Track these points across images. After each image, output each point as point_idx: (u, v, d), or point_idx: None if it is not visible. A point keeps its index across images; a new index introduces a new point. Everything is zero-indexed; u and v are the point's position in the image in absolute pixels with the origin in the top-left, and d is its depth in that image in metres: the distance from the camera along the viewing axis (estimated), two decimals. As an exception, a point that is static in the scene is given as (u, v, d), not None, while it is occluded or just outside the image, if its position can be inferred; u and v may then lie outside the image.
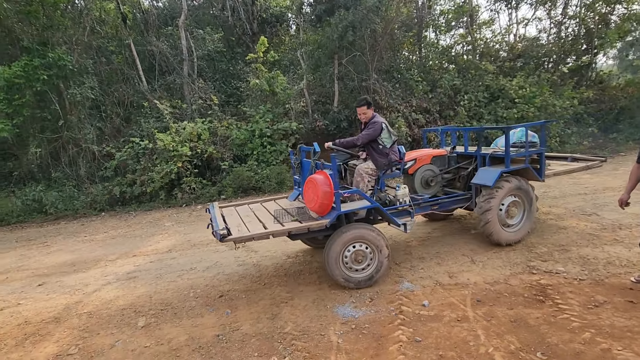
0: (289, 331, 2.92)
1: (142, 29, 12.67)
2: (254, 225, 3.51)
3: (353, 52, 9.89)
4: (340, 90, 10.67)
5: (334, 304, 3.30)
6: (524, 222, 4.24)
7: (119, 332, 3.18)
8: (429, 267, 3.87)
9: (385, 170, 3.98)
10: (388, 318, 2.98)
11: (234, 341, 2.86)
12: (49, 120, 10.21)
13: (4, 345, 3.16)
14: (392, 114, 9.82)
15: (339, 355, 2.57)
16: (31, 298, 4.12)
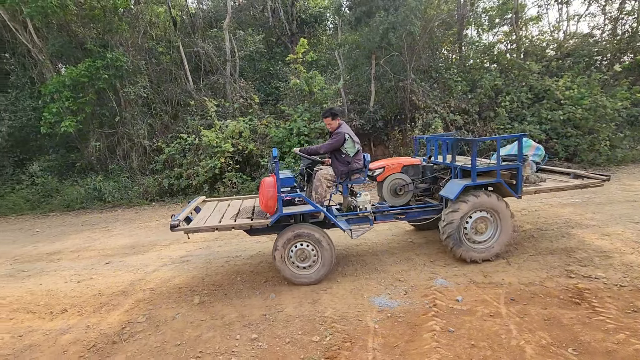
0: (329, 315, 3.18)
1: (189, 31, 13.45)
2: (213, 219, 3.86)
3: (391, 52, 9.96)
4: (377, 90, 10.77)
5: (370, 294, 3.53)
6: (495, 240, 3.98)
7: (178, 306, 3.61)
8: (463, 266, 3.98)
9: (344, 177, 4.13)
10: (422, 309, 3.16)
11: (279, 320, 3.17)
12: (107, 116, 11.20)
13: (84, 311, 3.69)
14: (429, 114, 9.80)
15: (375, 338, 2.80)
16: (101, 274, 4.71)
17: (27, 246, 6.44)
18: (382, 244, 4.91)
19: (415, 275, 3.86)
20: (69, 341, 3.16)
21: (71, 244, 6.25)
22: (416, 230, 5.32)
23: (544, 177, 4.50)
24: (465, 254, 3.93)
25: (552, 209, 5.83)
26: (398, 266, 4.11)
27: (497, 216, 3.96)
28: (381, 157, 10.49)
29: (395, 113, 10.64)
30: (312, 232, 3.72)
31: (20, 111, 11.07)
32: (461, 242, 3.91)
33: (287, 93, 11.53)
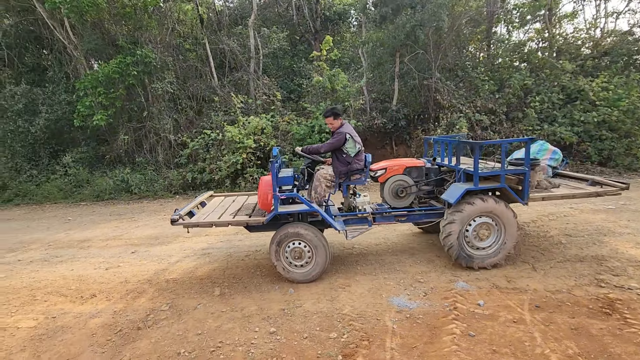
0: (347, 313, 3.18)
1: (215, 28, 13.69)
2: (215, 215, 3.97)
3: (416, 50, 9.79)
4: (400, 89, 10.63)
5: (388, 294, 3.50)
6: (497, 247, 3.83)
7: (200, 297, 3.71)
8: (486, 270, 3.88)
9: (343, 177, 4.09)
10: (442, 312, 3.11)
11: (297, 315, 3.20)
12: (135, 111, 11.58)
13: (112, 297, 3.86)
14: (454, 114, 9.57)
15: (394, 338, 2.78)
16: (127, 262, 4.90)
17: (60, 233, 6.78)
18: (402, 245, 4.86)
19: (435, 277, 3.80)
20: (97, 325, 3.31)
21: (100, 233, 6.53)
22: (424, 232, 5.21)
23: (558, 183, 4.23)
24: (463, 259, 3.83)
25: (582, 215, 5.58)
26: (418, 267, 4.06)
27: (501, 222, 3.81)
28: (403, 157, 10.37)
29: (418, 112, 10.47)
30: (307, 232, 3.73)
31: (56, 105, 11.62)
32: (462, 246, 3.81)
33: (309, 90, 11.56)
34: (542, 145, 4.60)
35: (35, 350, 2.98)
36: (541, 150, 4.55)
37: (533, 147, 4.62)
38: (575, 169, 8.92)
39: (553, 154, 4.52)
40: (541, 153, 4.49)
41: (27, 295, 4.04)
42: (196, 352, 2.78)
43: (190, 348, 2.84)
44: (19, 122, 11.30)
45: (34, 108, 11.53)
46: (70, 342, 3.06)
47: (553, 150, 4.58)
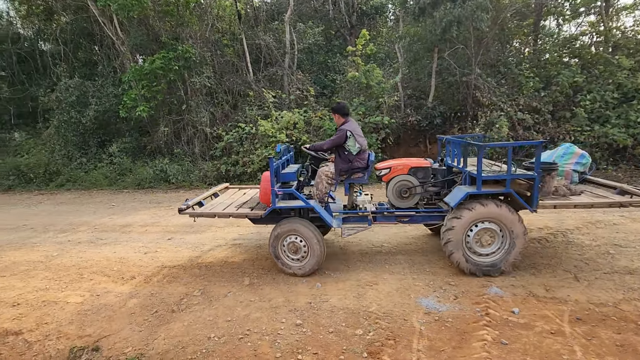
0: (374, 311, 3.16)
1: (252, 24, 13.95)
2: (221, 206, 4.22)
3: (455, 45, 9.43)
4: (437, 85, 10.29)
5: (417, 295, 3.43)
6: (501, 255, 3.65)
7: (230, 285, 3.83)
8: (523, 277, 3.70)
9: (343, 175, 4.07)
10: (473, 317, 3.01)
11: (323, 310, 3.22)
12: (175, 104, 12.08)
13: (149, 280, 4.08)
14: (494, 112, 9.14)
15: (421, 339, 2.73)
16: (164, 248, 5.15)
17: (104, 217, 7.26)
18: (432, 246, 4.73)
19: (467, 280, 3.67)
20: (135, 305, 3.51)
21: (140, 219, 6.91)
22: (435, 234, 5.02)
23: (580, 190, 3.89)
24: (464, 265, 3.68)
25: (634, 224, 5.15)
26: (449, 269, 3.94)
27: (506, 229, 3.61)
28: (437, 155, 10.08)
29: (455, 110, 10.10)
30: (303, 227, 3.80)
31: (104, 97, 12.39)
32: (463, 252, 3.67)
33: (343, 86, 11.49)
34: (568, 149, 4.25)
35: (82, 324, 3.23)
36: (566, 154, 4.20)
37: (558, 151, 4.30)
38: (628, 174, 8.23)
39: (580, 158, 4.16)
40: (566, 157, 4.16)
41: (75, 274, 4.37)
42: (225, 338, 2.88)
43: (219, 333, 2.95)
44: (71, 112, 12.17)
45: (85, 100, 12.37)
46: (112, 319, 3.28)
47: (580, 154, 4.21)
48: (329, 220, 3.87)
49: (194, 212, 4.09)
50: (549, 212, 5.70)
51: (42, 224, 6.89)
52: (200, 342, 2.85)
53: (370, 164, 4.16)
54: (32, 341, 3.03)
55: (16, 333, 3.15)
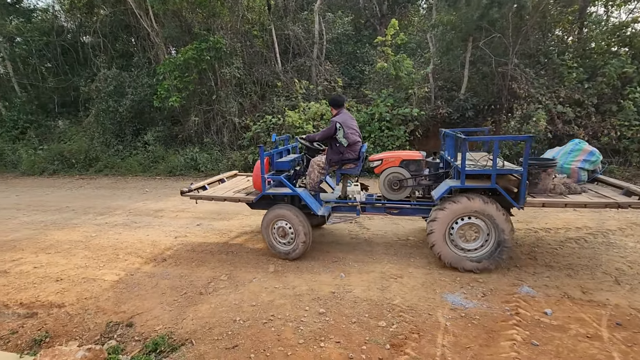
0: (397, 304, 3.13)
1: (282, 14, 13.94)
2: (221, 191, 4.59)
3: (492, 34, 8.98)
4: (471, 76, 9.88)
5: (443, 290, 3.36)
6: (487, 250, 3.57)
7: (255, 271, 3.91)
8: (557, 277, 3.52)
9: (334, 166, 4.20)
10: (502, 316, 2.90)
11: (347, 300, 3.23)
12: (205, 94, 12.36)
13: (179, 262, 4.24)
14: (531, 105, 8.67)
15: (446, 335, 2.67)
16: (193, 233, 5.33)
17: (138, 202, 7.60)
18: (460, 241, 4.60)
19: (496, 278, 3.54)
20: (166, 286, 3.67)
21: (171, 205, 7.18)
22: None
23: (580, 189, 3.67)
24: (452, 260, 3.66)
25: (686, 227, 4.77)
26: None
27: (491, 225, 3.52)
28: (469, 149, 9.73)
29: (489, 102, 9.67)
30: (290, 213, 3.99)
31: (139, 87, 12.88)
32: (449, 247, 3.66)
33: (371, 77, 11.30)
34: (577, 145, 4.02)
35: (117, 300, 3.42)
36: (574, 150, 3.97)
37: (566, 147, 4.08)
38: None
39: (589, 155, 3.90)
40: (573, 154, 3.94)
41: (111, 254, 4.62)
42: (250, 322, 2.95)
43: (244, 317, 3.02)
44: (109, 102, 12.75)
45: (122, 90, 12.91)
46: (144, 298, 3.45)
47: (589, 151, 3.94)
48: (315, 207, 4.00)
49: (194, 195, 4.50)
50: (589, 211, 5.40)
51: (83, 207, 7.33)
52: (226, 325, 2.94)
53: (362, 155, 4.20)
54: (73, 314, 3.24)
55: (59, 306, 3.38)
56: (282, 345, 2.64)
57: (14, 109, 15.60)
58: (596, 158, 3.90)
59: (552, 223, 5.13)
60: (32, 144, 13.81)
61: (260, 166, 3.95)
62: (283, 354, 2.55)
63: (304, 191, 4.03)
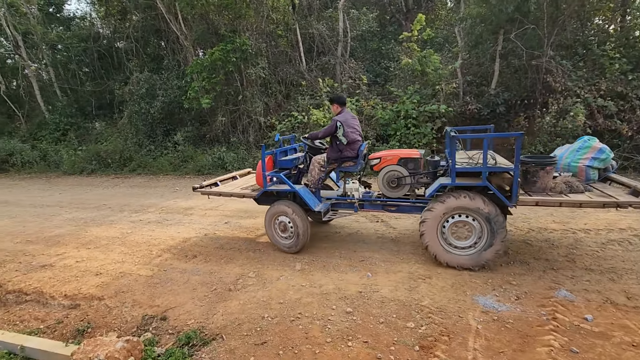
0: (426, 305, 3.07)
1: (306, 13, 13.98)
2: (230, 187, 4.92)
3: (525, 25, 8.58)
4: (501, 70, 9.51)
5: (474, 292, 3.26)
6: (480, 248, 3.54)
7: (282, 269, 3.96)
8: (598, 282, 3.33)
9: (334, 163, 4.35)
10: (537, 320, 2.78)
11: (374, 300, 3.20)
12: (232, 95, 12.62)
13: (209, 259, 4.36)
14: (568, 99, 8.22)
15: (477, 338, 2.59)
16: (222, 231, 5.47)
17: (169, 200, 7.89)
18: (491, 241, 4.44)
19: (531, 281, 3.40)
20: (197, 281, 3.79)
21: (200, 203, 7.40)
22: None
23: (584, 187, 3.52)
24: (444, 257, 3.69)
25: None
26: (510, 268, 3.68)
27: (483, 222, 3.49)
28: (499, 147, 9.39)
29: (522, 97, 9.26)
30: (290, 209, 4.17)
31: (169, 89, 13.34)
32: (440, 244, 3.69)
33: (397, 73, 11.12)
34: (585, 142, 3.84)
35: (152, 295, 3.57)
36: (582, 148, 3.80)
37: (575, 144, 3.92)
38: None
39: (598, 153, 3.70)
40: (581, 151, 3.77)
41: (145, 250, 4.83)
42: (278, 319, 3.00)
43: (272, 314, 3.07)
44: (142, 104, 13.30)
45: (153, 92, 13.42)
46: (177, 293, 3.58)
47: (599, 148, 3.72)
48: (312, 203, 4.12)
49: (204, 190, 4.85)
50: (634, 212, 5.07)
51: (118, 205, 7.70)
52: (254, 321, 3.00)
53: (360, 153, 4.29)
54: (112, 306, 3.42)
55: (99, 298, 3.57)
56: (310, 343, 2.66)
57: (56, 112, 16.61)
58: (606, 156, 3.71)
59: (592, 224, 4.86)
60: (72, 145, 14.66)
61: (262, 164, 4.17)
62: (311, 352, 2.57)
63: (302, 188, 4.20)
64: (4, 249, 5.19)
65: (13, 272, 4.33)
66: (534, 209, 5.61)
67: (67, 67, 17.73)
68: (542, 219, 5.24)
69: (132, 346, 2.57)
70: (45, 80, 18.04)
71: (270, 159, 4.44)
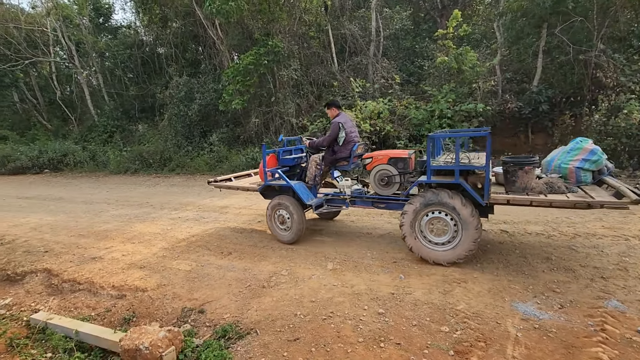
0: (462, 309, 2.98)
1: (338, 14, 14.01)
2: (239, 183, 5.43)
3: (571, 18, 8.08)
4: (545, 66, 9.02)
5: (512, 298, 3.12)
6: (457, 244, 3.69)
7: (314, 268, 4.00)
8: (654, 292, 3.08)
9: (329, 163, 4.76)
10: (584, 331, 2.62)
11: (407, 302, 3.16)
12: (265, 97, 12.91)
13: (243, 256, 4.51)
14: (621, 95, 7.64)
15: (516, 346, 2.49)
16: (255, 229, 5.62)
17: (206, 199, 8.21)
18: (533, 247, 4.24)
19: (577, 289, 3.20)
20: (232, 278, 3.93)
21: (235, 202, 7.65)
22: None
23: (566, 189, 3.50)
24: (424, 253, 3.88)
25: None
26: (554, 275, 3.49)
27: (458, 219, 3.64)
28: (541, 147, 8.92)
29: (567, 94, 8.73)
30: (287, 202, 4.60)
31: (206, 92, 13.89)
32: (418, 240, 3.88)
33: (431, 72, 10.87)
34: (577, 143, 3.78)
35: (190, 289, 3.74)
36: (573, 149, 3.75)
37: (567, 145, 3.87)
38: None
39: (589, 154, 3.63)
40: (572, 153, 3.74)
41: (184, 246, 5.07)
42: (310, 317, 3.04)
43: (305, 312, 3.12)
44: (180, 107, 13.95)
45: (191, 95, 14.04)
46: (213, 287, 3.73)
47: (590, 150, 3.64)
48: (305, 198, 4.50)
49: (217, 184, 5.45)
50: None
51: (159, 202, 8.13)
52: (287, 318, 3.06)
53: (352, 153, 4.65)
54: (154, 298, 3.62)
55: (143, 290, 3.80)
56: (342, 342, 2.68)
57: (104, 116, 17.83)
58: (597, 157, 3.61)
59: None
60: (118, 146, 15.66)
61: (263, 161, 4.69)
62: (343, 351, 2.58)
63: (297, 183, 4.62)
64: (61, 241, 5.65)
65: (68, 262, 4.71)
66: (579, 213, 5.29)
67: (113, 73, 18.99)
68: (589, 223, 4.92)
69: (173, 336, 2.71)
70: (95, 86, 19.42)
71: (273, 157, 4.93)
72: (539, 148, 9.33)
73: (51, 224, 6.76)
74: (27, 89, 20.11)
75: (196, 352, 2.73)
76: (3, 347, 3.04)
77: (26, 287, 4.28)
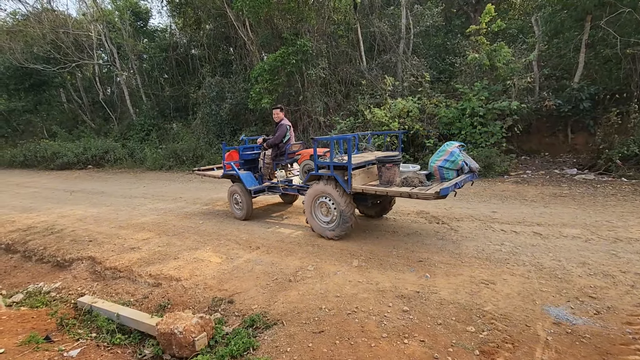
0: (489, 310, 2.93)
1: (367, 12, 13.93)
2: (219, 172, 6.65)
3: (618, 9, 7.59)
4: (588, 61, 8.53)
5: (544, 302, 3.03)
6: (335, 224, 4.72)
7: (339, 265, 4.06)
8: None
9: (272, 159, 5.99)
10: (622, 339, 2.50)
11: (432, 301, 3.14)
12: (293, 95, 13.09)
13: (270, 251, 4.64)
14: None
15: (546, 350, 2.42)
16: (283, 225, 5.75)
17: (236, 195, 8.46)
18: (568, 250, 4.06)
19: (615, 295, 3.05)
20: (260, 271, 4.06)
21: (263, 199, 7.82)
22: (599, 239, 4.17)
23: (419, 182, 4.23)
24: (317, 228, 4.93)
25: None
26: (590, 279, 3.34)
27: (336, 204, 4.62)
28: (581, 146, 8.47)
29: (612, 91, 8.21)
30: (239, 188, 5.98)
31: (237, 92, 14.28)
32: (315, 218, 4.93)
33: (462, 69, 10.56)
34: (444, 146, 4.43)
35: (220, 280, 3.91)
36: (441, 151, 4.43)
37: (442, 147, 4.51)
38: None
39: (449, 156, 4.31)
40: (439, 154, 4.41)
41: (215, 239, 5.28)
42: (335, 311, 3.10)
43: (330, 306, 3.18)
44: (212, 106, 14.43)
45: (222, 95, 14.48)
46: (242, 280, 3.88)
47: (450, 152, 4.31)
48: (247, 184, 5.77)
49: (198, 172, 6.93)
50: None
51: (192, 198, 8.48)
52: (312, 311, 3.14)
53: (286, 150, 5.92)
54: (187, 287, 3.82)
55: (177, 279, 4.02)
56: (366, 336, 2.72)
57: (142, 115, 18.77)
58: (455, 158, 4.26)
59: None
60: (154, 143, 16.44)
61: (222, 155, 6.06)
62: (367, 345, 2.62)
63: (244, 173, 5.89)
64: (103, 232, 6.06)
65: (110, 252, 5.05)
66: (624, 216, 5.00)
67: (150, 74, 19.94)
68: (632, 228, 4.64)
69: (205, 323, 2.87)
70: (133, 87, 20.48)
71: (235, 152, 6.22)
72: (578, 148, 8.84)
73: (94, 216, 7.25)
74: (73, 90, 21.56)
75: (226, 338, 2.87)
76: (54, 326, 3.34)
77: (73, 272, 4.64)
